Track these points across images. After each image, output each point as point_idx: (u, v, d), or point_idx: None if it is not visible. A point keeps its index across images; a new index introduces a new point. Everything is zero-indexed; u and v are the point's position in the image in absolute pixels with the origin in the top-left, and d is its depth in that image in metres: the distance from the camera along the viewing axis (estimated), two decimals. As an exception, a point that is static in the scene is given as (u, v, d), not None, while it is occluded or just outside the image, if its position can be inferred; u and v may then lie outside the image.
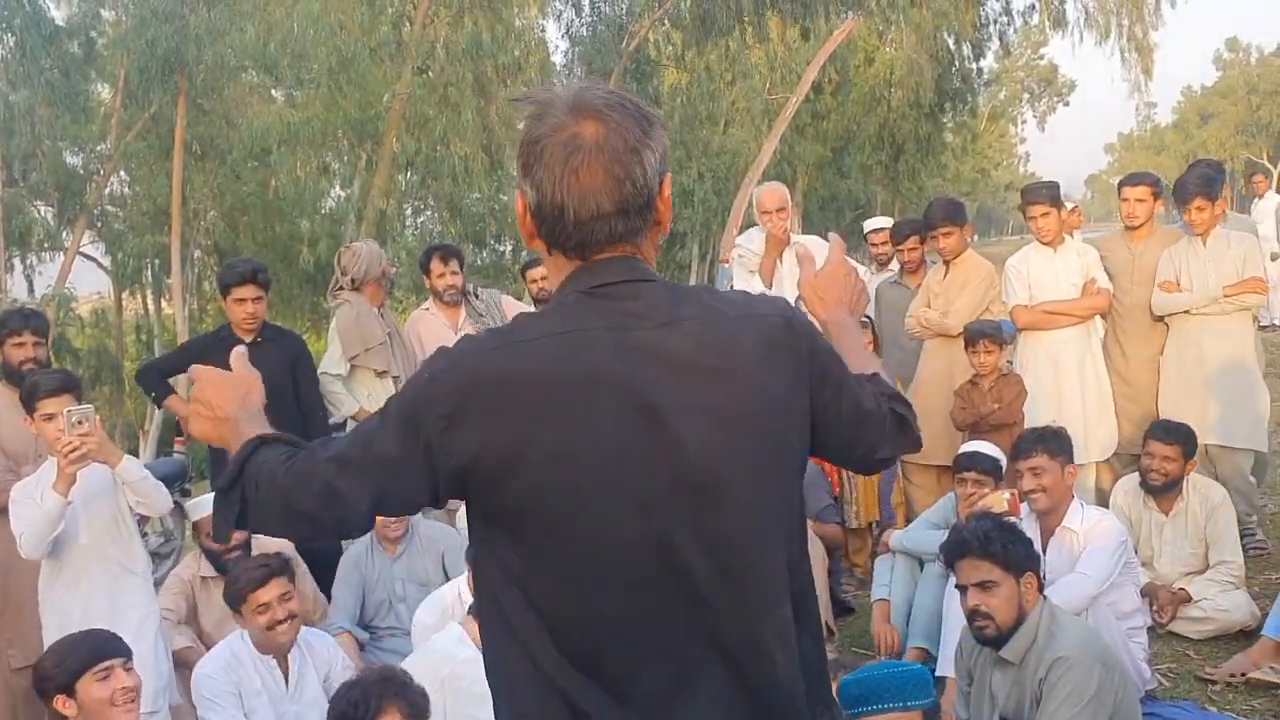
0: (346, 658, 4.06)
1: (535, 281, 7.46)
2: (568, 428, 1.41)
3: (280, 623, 3.69)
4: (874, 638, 4.75)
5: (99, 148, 20.66)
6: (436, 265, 5.91)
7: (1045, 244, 5.57)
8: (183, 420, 5.68)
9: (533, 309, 6.73)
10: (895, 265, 6.81)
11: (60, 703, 3.09)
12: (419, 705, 2.92)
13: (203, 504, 4.56)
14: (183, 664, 4.26)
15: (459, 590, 4.00)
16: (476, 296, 6.04)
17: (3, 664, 4.41)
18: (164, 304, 23.70)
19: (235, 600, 3.71)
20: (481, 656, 1.62)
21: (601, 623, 1.46)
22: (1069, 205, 8.43)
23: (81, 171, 20.79)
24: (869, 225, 7.63)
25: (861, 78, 26.12)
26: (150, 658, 3.90)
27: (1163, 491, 4.77)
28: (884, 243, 6.90)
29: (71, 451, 3.64)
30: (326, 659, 3.92)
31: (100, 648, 3.13)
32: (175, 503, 7.79)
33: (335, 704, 2.93)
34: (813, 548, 4.56)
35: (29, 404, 3.86)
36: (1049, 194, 5.59)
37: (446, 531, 4.91)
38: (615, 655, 1.46)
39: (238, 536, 4.43)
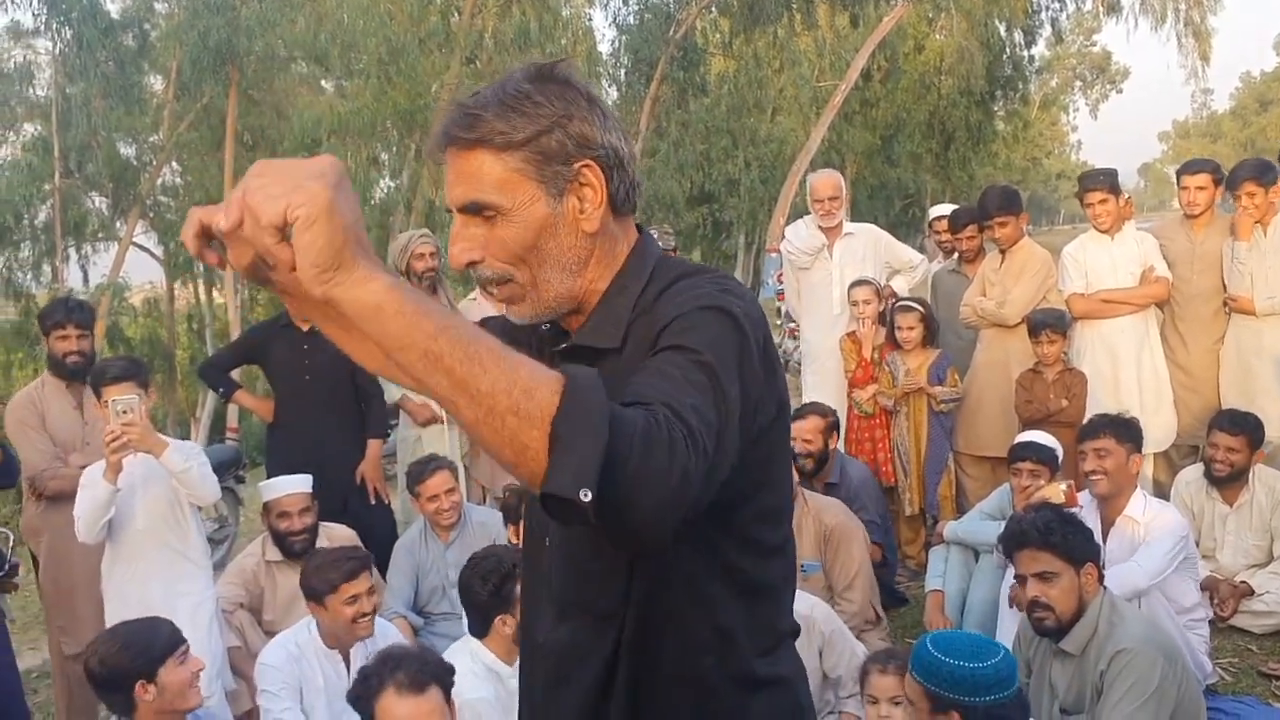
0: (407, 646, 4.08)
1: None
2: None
3: (365, 615, 3.68)
4: (927, 628, 4.72)
5: (152, 139, 20.98)
6: None
7: (1103, 232, 5.49)
8: (256, 413, 5.71)
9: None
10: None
11: (140, 689, 3.13)
12: (416, 678, 2.82)
13: (275, 485, 4.59)
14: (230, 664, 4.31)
15: (508, 575, 4.00)
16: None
17: (55, 650, 4.49)
18: (215, 293, 24.04)
19: (325, 589, 3.63)
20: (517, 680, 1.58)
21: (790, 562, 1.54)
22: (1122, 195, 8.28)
23: (135, 162, 21.13)
24: (933, 212, 7.53)
25: (911, 65, 25.89)
26: (205, 643, 3.95)
27: (1227, 482, 4.69)
28: (946, 229, 6.80)
29: (113, 440, 3.71)
30: None
31: (175, 633, 3.18)
32: (229, 489, 7.95)
33: (349, 693, 2.89)
34: (851, 525, 4.56)
35: (95, 389, 3.97)
36: (1108, 181, 5.51)
37: (496, 518, 4.93)
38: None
39: (303, 521, 4.44)
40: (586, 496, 1.01)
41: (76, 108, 19.03)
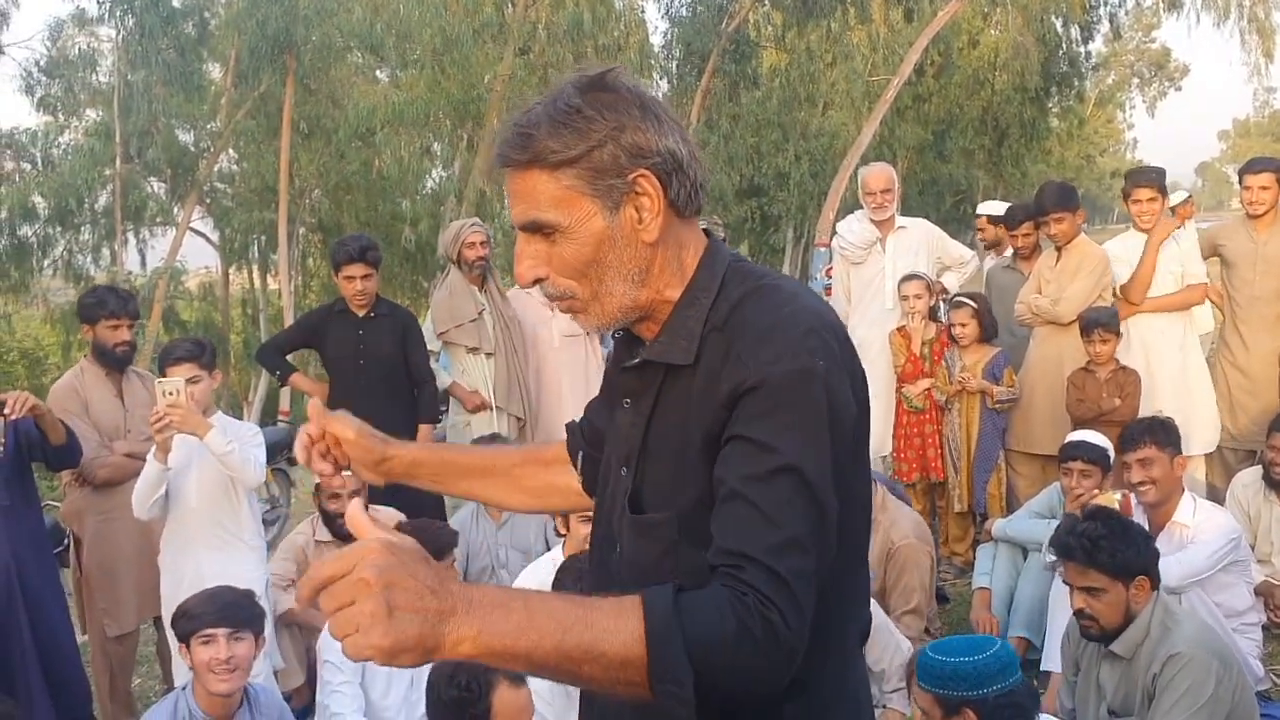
0: None
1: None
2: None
3: None
4: (974, 625, 4.70)
5: (210, 126, 21.25)
6: None
7: (1144, 231, 5.42)
8: (311, 395, 5.80)
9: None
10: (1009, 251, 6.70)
11: (182, 651, 3.26)
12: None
13: None
14: (291, 622, 4.42)
15: (556, 559, 4.04)
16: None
17: (97, 632, 4.57)
18: (269, 279, 24.34)
19: (439, 554, 3.70)
20: None
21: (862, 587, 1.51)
22: (1183, 195, 8.17)
23: (193, 149, 21.41)
24: (980, 209, 7.51)
25: (965, 60, 25.58)
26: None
27: (1287, 486, 4.62)
28: (988, 226, 6.85)
29: (156, 421, 3.82)
30: None
31: (217, 614, 3.23)
32: (281, 470, 8.07)
33: (442, 690, 2.85)
34: (920, 548, 4.54)
35: (161, 369, 4.09)
36: (1158, 179, 5.45)
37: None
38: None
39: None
40: None
41: (137, 94, 19.34)
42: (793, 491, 1.24)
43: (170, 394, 3.82)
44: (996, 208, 7.16)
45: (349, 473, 1.74)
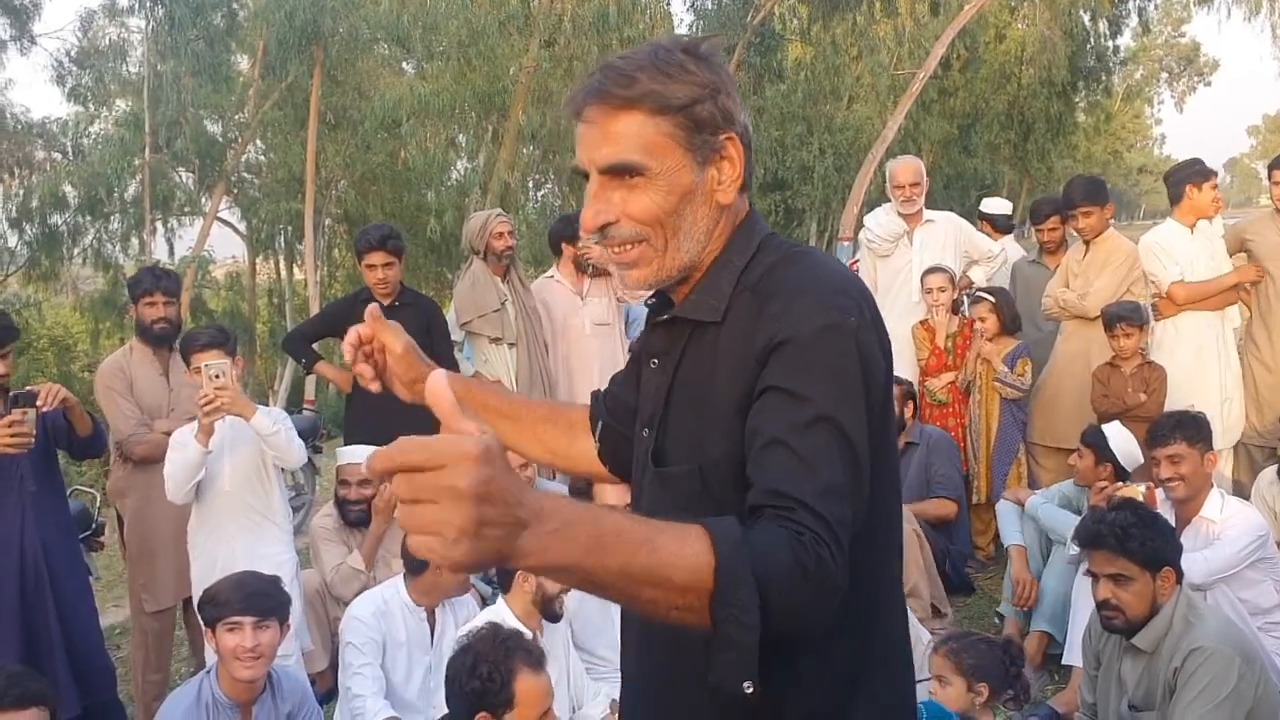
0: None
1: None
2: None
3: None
4: (1014, 585, 4.68)
5: (237, 117, 21.33)
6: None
7: (1191, 224, 5.40)
8: (335, 384, 5.88)
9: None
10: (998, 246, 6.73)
11: (208, 635, 3.29)
12: (536, 652, 2.95)
13: (345, 453, 4.77)
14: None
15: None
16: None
17: (135, 607, 4.67)
18: (295, 269, 24.45)
19: None
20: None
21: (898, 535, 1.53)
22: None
23: (221, 139, 21.49)
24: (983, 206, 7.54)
25: (991, 54, 25.46)
26: (284, 605, 4.09)
27: (1311, 482, 4.58)
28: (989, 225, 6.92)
29: (206, 404, 3.85)
30: (466, 616, 4.03)
31: (244, 602, 3.25)
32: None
33: (464, 682, 2.83)
34: (908, 530, 4.55)
35: (185, 356, 4.12)
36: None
37: (561, 490, 5.00)
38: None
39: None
40: (749, 689, 1.14)
41: (166, 85, 19.43)
42: (830, 440, 1.26)
43: (217, 376, 3.84)
44: (994, 205, 7.19)
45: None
